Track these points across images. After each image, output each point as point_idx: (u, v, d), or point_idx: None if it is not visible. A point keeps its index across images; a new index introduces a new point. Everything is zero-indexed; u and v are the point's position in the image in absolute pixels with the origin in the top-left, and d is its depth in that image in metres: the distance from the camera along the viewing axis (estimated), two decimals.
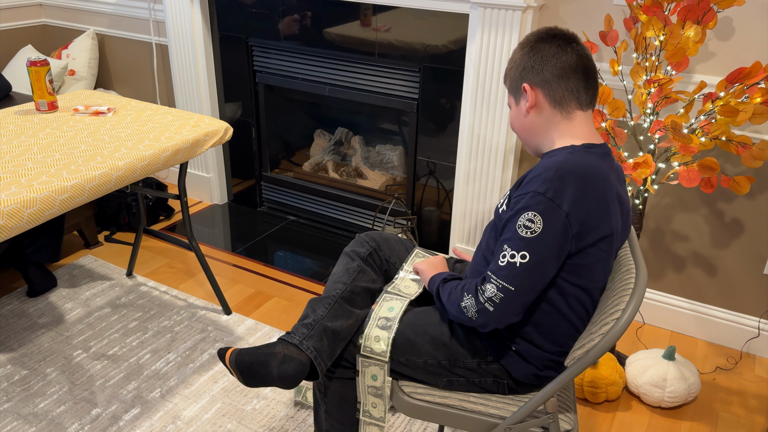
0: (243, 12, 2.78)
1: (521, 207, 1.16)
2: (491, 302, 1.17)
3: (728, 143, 1.78)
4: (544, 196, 1.14)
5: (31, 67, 2.04)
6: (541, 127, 1.28)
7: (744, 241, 2.13)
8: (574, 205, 1.15)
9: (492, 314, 1.18)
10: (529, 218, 1.14)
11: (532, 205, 1.15)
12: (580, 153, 1.21)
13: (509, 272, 1.16)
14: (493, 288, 1.17)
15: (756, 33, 1.89)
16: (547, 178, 1.15)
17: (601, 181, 1.19)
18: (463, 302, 1.22)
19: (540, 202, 1.14)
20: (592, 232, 1.18)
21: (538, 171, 1.18)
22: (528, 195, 1.16)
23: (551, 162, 1.18)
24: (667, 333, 2.34)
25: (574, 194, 1.14)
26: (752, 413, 1.98)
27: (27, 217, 1.52)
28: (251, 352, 1.31)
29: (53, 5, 3.43)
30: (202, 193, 3.26)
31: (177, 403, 1.93)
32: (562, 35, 1.25)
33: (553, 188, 1.14)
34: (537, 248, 1.15)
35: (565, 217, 1.14)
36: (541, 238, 1.14)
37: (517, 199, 1.18)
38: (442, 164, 2.58)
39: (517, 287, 1.16)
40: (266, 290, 2.54)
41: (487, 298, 1.18)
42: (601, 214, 1.18)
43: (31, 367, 2.06)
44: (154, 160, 1.84)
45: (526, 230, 1.15)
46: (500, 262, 1.17)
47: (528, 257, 1.15)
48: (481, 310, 1.19)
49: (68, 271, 2.60)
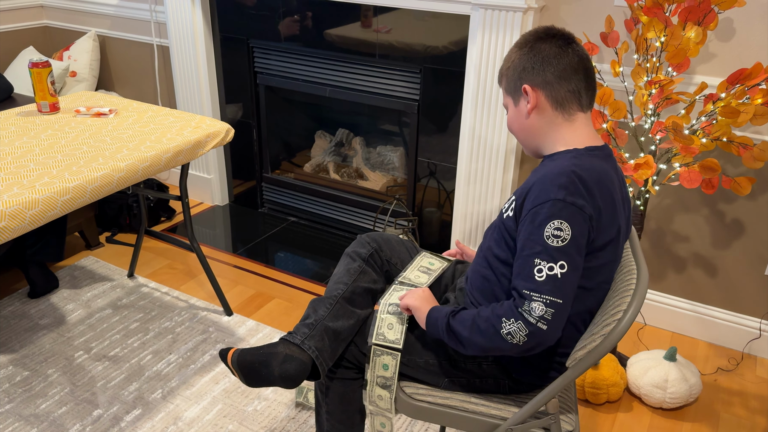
0: (244, 13, 2.79)
1: (545, 217, 1.13)
2: (543, 320, 1.12)
3: (729, 144, 1.78)
4: (565, 201, 1.13)
5: (32, 69, 2.05)
6: (541, 129, 1.27)
7: (745, 242, 2.13)
8: (592, 206, 1.15)
9: (547, 332, 1.12)
10: (557, 227, 1.12)
11: (555, 213, 1.13)
12: (585, 157, 1.21)
13: (553, 285, 1.12)
14: (541, 305, 1.11)
15: (757, 34, 1.89)
16: (562, 183, 1.13)
17: (608, 184, 1.19)
18: (505, 329, 1.14)
19: (563, 208, 1.12)
20: (602, 234, 1.18)
21: (549, 178, 1.15)
22: (548, 203, 1.13)
23: (560, 167, 1.16)
24: (669, 334, 2.34)
25: (590, 197, 1.14)
26: (753, 414, 1.98)
27: (29, 218, 1.52)
28: (253, 352, 1.32)
29: (55, 7, 3.43)
30: (203, 194, 3.26)
31: (178, 404, 1.93)
32: (561, 35, 1.24)
33: (570, 192, 1.13)
34: (571, 254, 1.13)
35: (588, 219, 1.14)
36: (572, 243, 1.13)
37: (536, 211, 1.15)
38: (443, 165, 2.59)
39: (564, 298, 1.12)
40: (267, 291, 2.54)
41: (538, 317, 1.11)
42: (609, 217, 1.18)
43: (33, 368, 2.06)
44: (155, 161, 1.84)
45: (556, 239, 1.12)
46: (537, 278, 1.12)
47: (567, 265, 1.12)
48: (533, 332, 1.12)
49: (69, 272, 2.60)
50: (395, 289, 1.41)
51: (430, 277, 1.45)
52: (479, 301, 1.32)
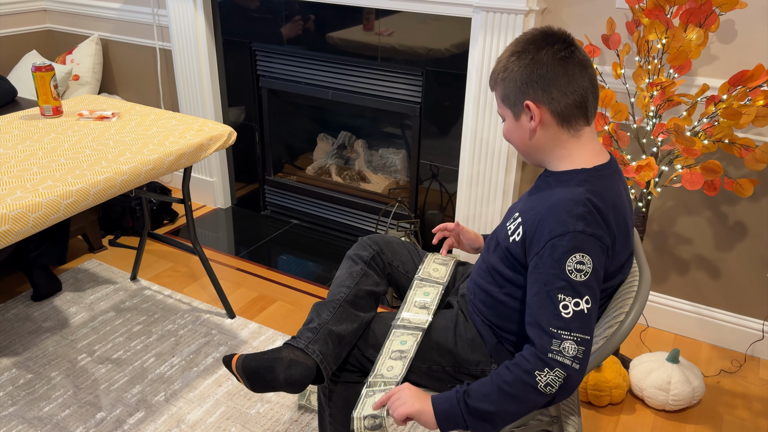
0: (246, 17, 2.80)
1: (566, 251, 1.08)
2: (577, 360, 1.06)
3: (731, 146, 1.78)
4: (584, 233, 1.09)
5: (36, 73, 2.05)
6: (546, 146, 1.20)
7: (748, 244, 2.13)
8: (609, 235, 1.12)
9: (579, 371, 1.06)
10: (579, 260, 1.08)
11: (577, 246, 1.08)
12: (596, 179, 1.16)
13: (581, 321, 1.07)
14: (573, 344, 1.06)
15: (758, 36, 1.89)
16: (580, 214, 1.09)
17: (621, 207, 1.17)
18: (542, 381, 1.06)
19: (583, 240, 1.09)
20: (616, 260, 1.17)
21: (565, 207, 1.11)
22: (568, 236, 1.09)
23: (574, 194, 1.12)
24: (671, 336, 2.33)
25: (606, 226, 1.11)
26: (757, 416, 1.97)
27: (32, 221, 1.53)
28: (257, 357, 1.32)
29: (58, 11, 3.44)
30: (205, 197, 3.27)
31: (181, 407, 1.93)
32: (561, 40, 1.17)
33: (589, 222, 1.09)
34: (593, 287, 1.10)
35: (606, 249, 1.12)
36: (593, 275, 1.09)
37: (554, 243, 1.10)
38: (445, 168, 2.59)
39: (591, 333, 1.09)
40: (270, 294, 2.54)
41: (572, 357, 1.06)
42: (623, 242, 1.17)
43: (36, 371, 2.07)
44: (158, 164, 1.85)
45: (579, 273, 1.08)
46: (564, 314, 1.07)
47: (591, 300, 1.09)
48: (570, 374, 1.05)
49: (72, 275, 2.61)
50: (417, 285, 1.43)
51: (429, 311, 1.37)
52: (483, 313, 1.31)
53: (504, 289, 1.25)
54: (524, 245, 1.17)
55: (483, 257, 1.36)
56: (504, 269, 1.25)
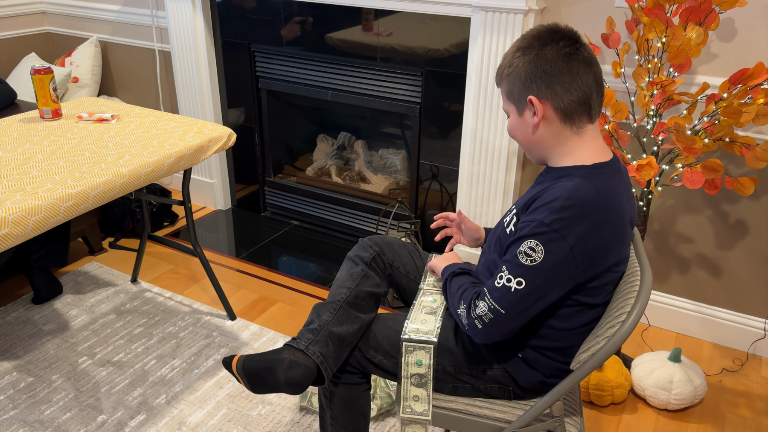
0: (245, 18, 2.79)
1: (525, 234, 1.14)
2: (480, 320, 1.18)
3: (732, 144, 1.78)
4: (549, 227, 1.11)
5: (35, 75, 2.05)
6: (549, 142, 1.21)
7: (749, 242, 2.12)
8: (582, 237, 1.11)
9: (479, 331, 1.19)
10: (531, 246, 1.12)
11: (536, 234, 1.12)
12: (592, 177, 1.16)
13: (502, 295, 1.16)
14: (485, 307, 1.17)
15: (758, 34, 1.89)
16: (555, 208, 1.11)
17: (616, 207, 1.15)
18: (459, 310, 1.24)
19: (544, 232, 1.11)
20: (603, 260, 1.16)
21: (549, 198, 1.13)
22: (534, 223, 1.13)
23: (562, 189, 1.13)
24: (673, 335, 2.33)
25: (582, 227, 1.11)
26: (759, 415, 1.97)
27: (32, 224, 1.52)
28: (258, 358, 1.31)
29: (56, 13, 3.44)
30: (205, 199, 3.26)
31: (182, 409, 1.93)
32: (567, 36, 1.17)
33: (560, 219, 1.10)
34: (534, 277, 1.13)
35: (569, 249, 1.11)
36: (539, 267, 1.12)
37: (524, 225, 1.15)
38: (445, 168, 2.58)
39: (508, 311, 1.16)
40: (270, 295, 2.54)
41: (478, 315, 1.18)
42: (612, 242, 1.16)
43: (37, 374, 2.06)
44: (158, 166, 1.85)
45: (527, 257, 1.13)
46: (497, 283, 1.17)
47: (523, 284, 1.14)
48: (470, 324, 1.20)
49: (73, 277, 2.61)
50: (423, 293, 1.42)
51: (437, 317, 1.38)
52: None
53: None
54: None
55: (484, 255, 1.36)
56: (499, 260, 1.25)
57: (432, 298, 1.41)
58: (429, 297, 1.43)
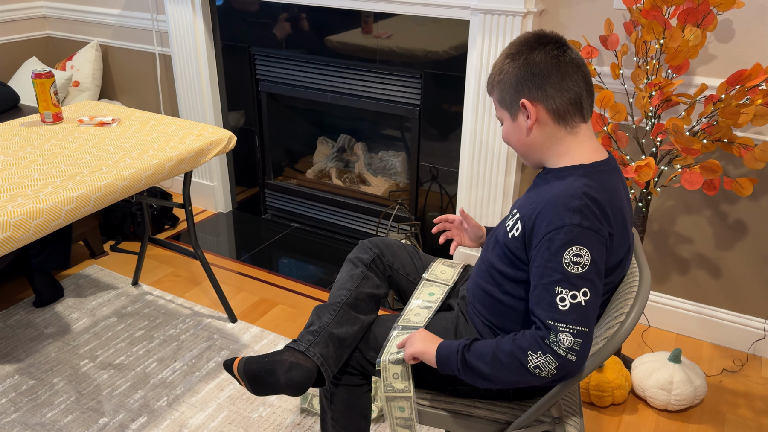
0: (245, 21, 2.80)
1: (563, 244, 1.10)
2: (573, 352, 1.09)
3: (730, 145, 1.78)
4: (581, 226, 1.09)
5: (36, 80, 2.06)
6: (543, 144, 1.22)
7: (748, 243, 2.13)
8: (607, 228, 1.12)
9: (576, 363, 1.09)
10: (576, 253, 1.09)
11: (573, 239, 1.09)
12: (594, 175, 1.17)
13: (579, 314, 1.09)
14: (569, 336, 1.08)
15: (756, 35, 1.90)
16: (576, 207, 1.10)
17: (619, 203, 1.17)
18: (532, 362, 1.10)
19: (580, 233, 1.09)
20: (613, 256, 1.17)
21: (562, 201, 1.12)
22: (564, 229, 1.10)
23: (572, 188, 1.13)
24: (673, 336, 2.33)
25: (604, 219, 1.12)
26: (759, 415, 1.97)
27: (33, 228, 1.53)
28: (258, 360, 1.32)
29: (57, 17, 3.46)
30: (206, 202, 3.27)
31: (184, 412, 1.94)
32: (553, 41, 1.19)
33: (585, 215, 1.10)
34: (593, 280, 1.11)
35: (605, 241, 1.12)
36: (592, 268, 1.10)
37: (551, 237, 1.11)
38: (445, 170, 2.59)
39: (590, 326, 1.10)
40: (271, 297, 2.54)
41: (567, 348, 1.08)
42: (621, 237, 1.17)
43: (38, 377, 2.07)
44: (158, 169, 1.85)
45: (576, 266, 1.09)
46: (561, 307, 1.09)
47: (590, 292, 1.10)
48: (563, 364, 1.09)
49: (74, 281, 2.61)
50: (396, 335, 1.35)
51: (429, 312, 1.39)
52: (483, 314, 1.32)
53: (502, 288, 1.26)
54: (524, 240, 1.18)
55: (482, 257, 1.36)
56: (503, 267, 1.25)
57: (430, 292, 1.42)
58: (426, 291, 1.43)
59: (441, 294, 1.46)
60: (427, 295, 1.45)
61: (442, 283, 1.50)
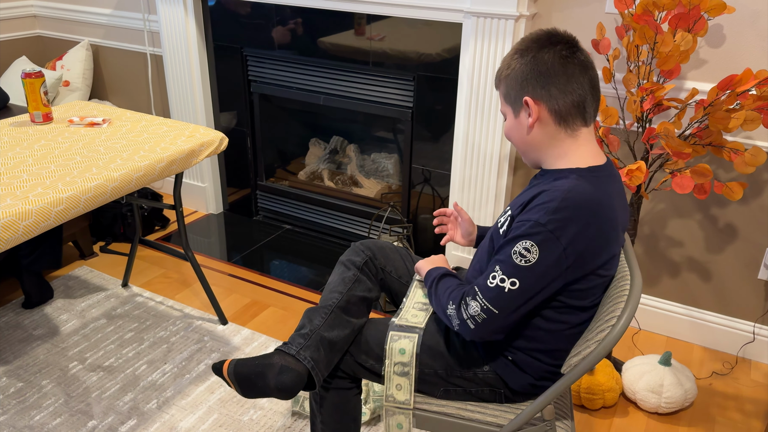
0: (237, 22, 2.79)
1: (520, 234, 1.14)
2: (473, 320, 1.18)
3: (720, 149, 1.79)
4: (545, 227, 1.11)
5: (26, 79, 2.04)
6: (543, 143, 1.22)
7: (738, 246, 2.14)
8: (575, 238, 1.12)
9: (472, 331, 1.19)
10: (526, 247, 1.12)
11: (531, 234, 1.12)
12: (586, 179, 1.17)
13: (495, 295, 1.15)
14: (477, 306, 1.17)
15: (746, 40, 1.91)
16: (551, 208, 1.12)
17: (606, 211, 1.16)
18: (449, 310, 1.23)
19: (539, 233, 1.11)
20: (591, 261, 1.17)
21: (544, 199, 1.14)
22: (529, 223, 1.13)
23: (557, 190, 1.14)
24: (663, 338, 2.34)
25: (576, 228, 1.12)
26: (749, 418, 1.98)
27: (23, 229, 1.52)
28: (248, 363, 1.31)
29: (47, 16, 3.43)
30: (197, 203, 3.26)
31: (174, 414, 1.92)
32: (565, 41, 1.18)
33: (555, 220, 1.11)
34: (528, 277, 1.14)
35: (562, 250, 1.12)
36: (534, 268, 1.13)
37: (519, 224, 1.15)
38: (437, 172, 2.59)
39: (501, 310, 1.16)
40: (262, 300, 2.53)
41: (470, 315, 1.18)
42: (601, 244, 1.17)
43: (27, 379, 2.05)
44: (149, 170, 1.84)
45: (521, 258, 1.13)
46: (489, 282, 1.16)
47: (517, 284, 1.14)
48: (462, 324, 1.20)
49: (63, 282, 2.59)
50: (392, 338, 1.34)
51: (427, 314, 1.39)
52: None
53: None
54: None
55: (476, 257, 1.36)
56: None
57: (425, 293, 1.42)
58: (421, 291, 1.44)
59: None
60: (422, 296, 1.45)
61: None
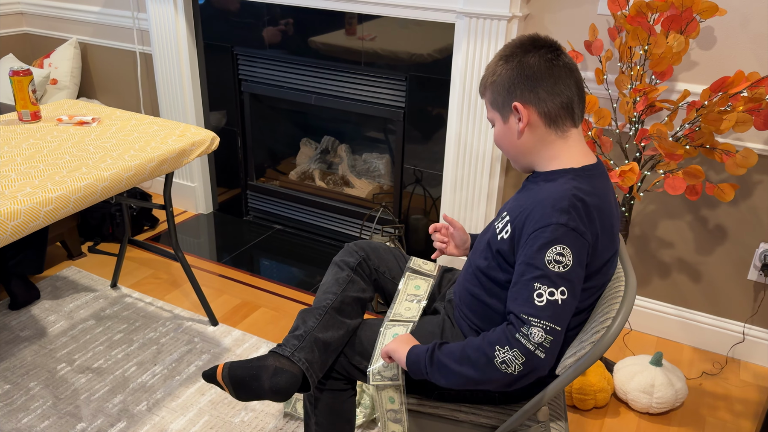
0: (228, 21, 2.78)
1: (547, 241, 1.10)
2: (542, 348, 1.08)
3: (712, 151, 1.80)
4: (567, 226, 1.10)
5: (14, 77, 2.02)
6: (534, 147, 1.22)
7: (728, 247, 2.15)
8: (593, 232, 1.13)
9: (544, 360, 1.09)
10: (559, 252, 1.10)
11: (558, 237, 1.10)
12: (584, 178, 1.17)
13: (554, 311, 1.09)
14: (540, 332, 1.08)
15: (737, 42, 1.92)
16: (564, 208, 1.11)
17: (607, 207, 1.17)
18: (500, 357, 1.09)
19: (565, 233, 1.10)
20: (597, 259, 1.17)
21: (551, 202, 1.12)
22: (550, 228, 1.10)
23: (561, 190, 1.14)
24: (654, 339, 2.36)
25: (590, 222, 1.12)
26: (738, 418, 1.99)
27: (11, 229, 1.49)
28: (242, 365, 1.30)
29: (35, 14, 3.39)
30: (186, 203, 3.23)
31: (164, 416, 1.91)
32: (548, 45, 1.19)
33: (572, 217, 1.10)
34: (572, 280, 1.11)
35: (587, 246, 1.12)
36: (573, 269, 1.11)
37: (536, 235, 1.12)
38: (429, 172, 2.59)
39: (563, 326, 1.11)
40: (253, 300, 2.52)
41: (537, 343, 1.08)
42: (607, 241, 1.17)
43: (14, 381, 2.02)
44: (140, 170, 1.82)
45: (558, 265, 1.09)
46: (537, 302, 1.09)
47: (567, 292, 1.10)
48: (530, 359, 1.08)
49: (51, 282, 2.56)
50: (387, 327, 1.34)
51: (420, 306, 1.39)
52: (470, 318, 1.31)
53: (490, 292, 1.25)
54: (512, 242, 1.18)
55: (470, 260, 1.35)
56: (490, 270, 1.25)
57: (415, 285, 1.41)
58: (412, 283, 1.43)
59: (427, 287, 1.47)
60: (413, 288, 1.44)
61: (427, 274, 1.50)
